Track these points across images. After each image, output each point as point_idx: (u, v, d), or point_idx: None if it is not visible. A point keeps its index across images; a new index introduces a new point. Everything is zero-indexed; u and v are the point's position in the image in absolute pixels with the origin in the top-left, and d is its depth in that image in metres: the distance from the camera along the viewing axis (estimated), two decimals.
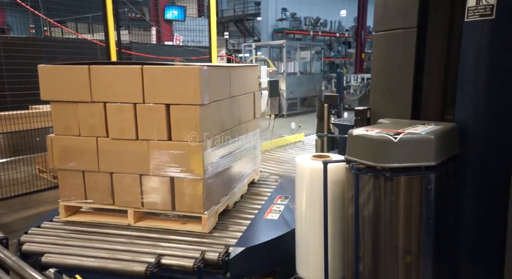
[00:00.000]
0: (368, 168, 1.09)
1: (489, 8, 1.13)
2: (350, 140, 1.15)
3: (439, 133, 1.09)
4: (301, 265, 1.46)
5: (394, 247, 1.12)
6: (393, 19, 1.34)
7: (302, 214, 1.41)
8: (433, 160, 1.06)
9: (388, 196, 1.08)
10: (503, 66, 1.12)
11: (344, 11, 22.00)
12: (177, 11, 9.73)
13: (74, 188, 2.23)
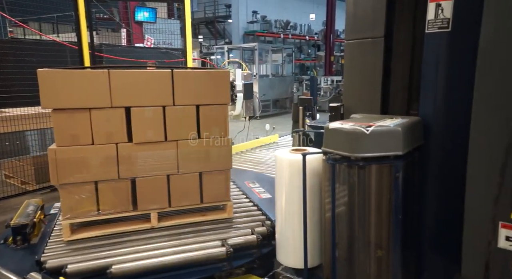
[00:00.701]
0: (343, 158, 1.20)
1: (446, 22, 1.28)
2: (327, 133, 1.26)
3: (406, 126, 1.22)
4: (281, 253, 1.55)
5: (367, 232, 1.24)
6: (363, 29, 1.47)
7: (282, 205, 1.49)
8: (400, 150, 1.18)
9: (361, 184, 1.20)
10: (457, 71, 1.28)
11: (313, 15, 22.50)
12: (148, 13, 9.61)
13: (82, 202, 2.04)
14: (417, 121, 1.31)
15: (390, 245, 1.23)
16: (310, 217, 1.38)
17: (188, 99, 2.16)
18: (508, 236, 1.11)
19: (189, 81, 2.16)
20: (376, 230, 1.23)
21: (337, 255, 1.27)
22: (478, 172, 1.14)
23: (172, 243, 2.04)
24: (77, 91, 1.95)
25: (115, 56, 5.90)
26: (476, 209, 1.16)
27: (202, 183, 2.27)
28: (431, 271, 1.40)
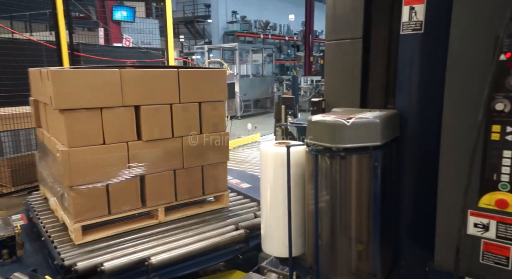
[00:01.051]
0: (325, 149, 1.26)
1: (419, 24, 1.36)
2: (310, 126, 1.31)
3: (384, 118, 1.29)
4: (266, 244, 1.59)
5: (348, 219, 1.30)
6: (342, 31, 1.54)
7: (267, 196, 1.53)
8: (379, 141, 1.25)
9: (342, 173, 1.26)
10: (430, 70, 1.36)
11: (292, 16, 22.73)
12: (126, 12, 9.47)
13: (94, 204, 2.01)
14: (394, 114, 1.38)
15: (370, 231, 1.30)
16: (294, 208, 1.43)
17: (192, 97, 2.26)
18: (476, 223, 1.20)
19: (193, 80, 2.26)
20: (357, 218, 1.29)
21: (320, 244, 1.33)
22: (449, 165, 1.23)
23: (188, 234, 2.17)
24: (89, 91, 1.93)
25: (93, 55, 5.79)
26: (448, 198, 1.24)
27: (204, 176, 2.38)
28: (407, 259, 1.48)
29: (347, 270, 1.33)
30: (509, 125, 1.11)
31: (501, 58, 1.09)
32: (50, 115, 2.21)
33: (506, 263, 1.15)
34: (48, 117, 2.28)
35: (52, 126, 2.19)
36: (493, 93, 1.11)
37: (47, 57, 5.49)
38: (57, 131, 2.07)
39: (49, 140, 2.23)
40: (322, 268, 1.35)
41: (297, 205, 1.45)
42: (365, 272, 1.33)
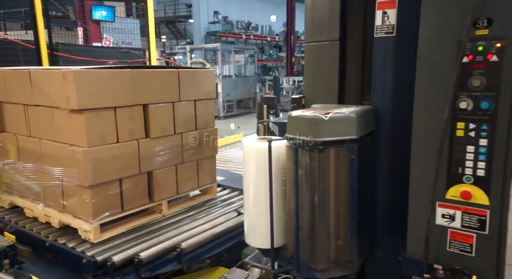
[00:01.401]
0: (304, 143, 1.32)
1: (391, 27, 1.44)
2: (290, 120, 1.38)
3: (359, 113, 1.36)
4: (250, 236, 1.64)
5: (326, 211, 1.37)
6: (320, 33, 1.61)
7: (250, 190, 1.58)
8: (355, 134, 1.32)
9: (321, 165, 1.32)
10: (402, 70, 1.45)
11: (274, 16, 22.86)
12: (106, 12, 9.33)
13: (110, 202, 2.03)
14: (369, 109, 1.47)
15: (348, 221, 1.37)
16: (276, 200, 1.48)
17: (189, 95, 2.40)
18: (444, 214, 1.28)
19: (190, 79, 2.40)
20: (335, 208, 1.36)
21: (300, 234, 1.39)
22: (419, 160, 1.31)
23: (199, 222, 2.33)
24: (105, 91, 1.95)
25: (73, 55, 5.70)
26: (418, 191, 1.32)
27: (198, 169, 2.54)
28: (383, 249, 1.57)
29: (326, 259, 1.40)
30: (472, 122, 1.20)
31: (464, 61, 1.18)
32: (44, 117, 2.10)
33: (470, 250, 1.24)
34: (41, 120, 2.14)
35: (51, 128, 2.09)
36: (457, 93, 1.20)
37: (24, 57, 5.38)
38: (64, 132, 2.02)
39: (42, 143, 2.15)
40: (302, 258, 1.41)
41: (279, 198, 1.50)
42: (342, 260, 1.40)
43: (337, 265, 1.41)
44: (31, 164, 2.26)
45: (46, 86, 2.05)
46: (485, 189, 1.20)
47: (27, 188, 2.34)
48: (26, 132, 2.27)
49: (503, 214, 1.18)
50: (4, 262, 1.80)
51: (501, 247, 1.20)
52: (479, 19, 1.13)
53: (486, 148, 1.18)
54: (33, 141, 2.22)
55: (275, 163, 1.47)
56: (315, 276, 1.39)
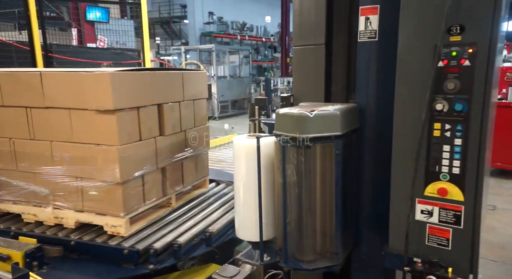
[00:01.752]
0: (291, 139, 1.38)
1: (373, 32, 1.51)
2: (277, 118, 1.44)
3: (344, 110, 1.43)
4: (240, 229, 1.70)
5: (313, 205, 1.43)
6: (307, 37, 1.67)
7: (240, 186, 1.64)
8: (339, 131, 1.38)
9: (307, 161, 1.39)
10: (384, 72, 1.51)
11: (268, 17, 22.95)
12: (100, 13, 9.33)
13: (135, 196, 2.16)
14: (353, 107, 1.54)
15: (333, 214, 1.44)
16: (265, 195, 1.54)
17: (190, 95, 2.58)
18: (423, 210, 1.35)
19: (191, 80, 2.59)
20: (321, 202, 1.43)
21: (288, 228, 1.45)
22: (400, 159, 1.37)
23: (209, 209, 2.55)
24: (131, 92, 2.08)
25: (67, 57, 5.71)
26: (399, 189, 1.38)
27: (196, 164, 2.71)
28: (368, 245, 1.64)
29: (312, 251, 1.47)
30: (447, 123, 1.27)
31: (439, 65, 1.25)
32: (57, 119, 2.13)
33: (447, 244, 1.31)
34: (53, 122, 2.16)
35: (66, 129, 2.12)
36: (433, 95, 1.27)
37: (18, 58, 5.38)
38: (88, 132, 2.07)
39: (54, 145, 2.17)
40: (290, 250, 1.48)
41: (268, 192, 1.56)
42: (328, 252, 1.47)
43: (323, 256, 1.48)
44: (37, 167, 2.23)
45: (65, 88, 2.08)
46: (460, 186, 1.27)
47: (28, 192, 2.30)
48: (27, 135, 2.25)
49: (476, 209, 1.26)
50: (33, 264, 1.84)
51: (475, 240, 1.27)
52: (453, 26, 1.20)
53: (460, 147, 1.25)
54: (40, 144, 2.20)
55: (264, 159, 1.53)
56: (301, 266, 1.46)
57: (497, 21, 1.14)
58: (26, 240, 2.03)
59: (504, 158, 4.83)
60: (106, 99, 1.94)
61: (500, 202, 4.11)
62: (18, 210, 2.36)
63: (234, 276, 1.96)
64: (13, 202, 2.36)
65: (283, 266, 1.51)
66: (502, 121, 4.76)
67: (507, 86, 4.83)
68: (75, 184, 2.16)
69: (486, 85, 1.18)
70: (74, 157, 2.13)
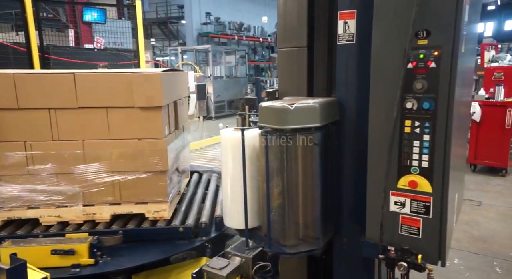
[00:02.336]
0: (273, 131, 1.47)
1: (351, 36, 1.61)
2: (261, 110, 1.53)
3: (323, 103, 1.52)
4: (227, 218, 1.80)
5: (295, 193, 1.51)
6: (290, 40, 1.77)
7: (227, 176, 1.72)
8: (318, 122, 1.48)
9: (289, 151, 1.47)
10: (362, 72, 1.59)
11: (265, 17, 23.00)
12: (97, 13, 9.38)
13: (171, 184, 2.44)
14: (333, 100, 1.63)
15: (314, 202, 1.53)
16: (250, 184, 1.62)
17: (184, 93, 2.91)
18: (396, 201, 1.45)
19: (185, 79, 2.94)
20: (302, 191, 1.51)
21: (272, 215, 1.54)
22: (375, 153, 1.46)
23: None
24: (168, 90, 2.33)
25: (64, 58, 5.77)
26: (374, 182, 1.48)
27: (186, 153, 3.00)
28: (348, 237, 1.73)
29: (295, 236, 1.56)
30: (417, 120, 1.36)
31: (409, 66, 1.34)
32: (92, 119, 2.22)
33: (418, 232, 1.41)
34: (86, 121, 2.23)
35: (102, 127, 2.23)
36: (404, 94, 1.37)
37: (15, 60, 5.43)
38: (129, 128, 2.24)
39: (87, 144, 2.24)
40: (273, 235, 1.56)
41: (254, 182, 1.65)
42: (310, 237, 1.56)
43: (305, 241, 1.57)
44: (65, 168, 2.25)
45: (102, 88, 2.20)
46: (428, 179, 1.37)
47: (51, 194, 2.27)
48: (49, 137, 2.24)
49: (443, 200, 1.35)
50: (97, 254, 1.99)
51: (442, 229, 1.37)
52: (420, 31, 1.30)
53: (429, 142, 1.35)
54: (68, 144, 2.23)
55: (250, 150, 1.61)
56: (284, 251, 1.55)
57: (459, 26, 1.24)
58: (79, 235, 2.12)
59: (492, 155, 4.94)
60: (156, 97, 2.19)
61: (487, 198, 4.22)
62: (34, 214, 2.29)
63: (223, 268, 2.05)
64: (28, 207, 2.29)
65: (267, 251, 1.60)
66: (489, 120, 4.87)
67: (494, 85, 4.94)
68: (112, 179, 2.29)
69: (450, 85, 1.28)
70: (112, 153, 2.26)
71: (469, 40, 1.49)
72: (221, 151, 1.74)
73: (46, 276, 1.42)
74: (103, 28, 9.27)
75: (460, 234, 3.32)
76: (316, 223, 1.56)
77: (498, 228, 3.45)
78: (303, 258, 1.93)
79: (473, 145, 5.07)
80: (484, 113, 4.84)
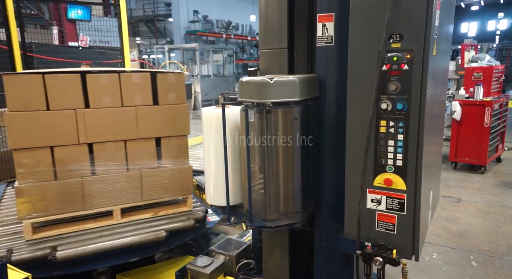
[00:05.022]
0: (253, 105, 1.49)
1: (330, 38, 1.65)
2: (241, 86, 1.54)
3: (302, 78, 1.54)
4: (209, 195, 1.82)
5: (275, 167, 1.53)
6: (271, 42, 1.80)
7: (210, 154, 1.73)
8: (298, 97, 1.50)
9: (269, 125, 1.49)
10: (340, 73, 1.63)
11: (253, 16, 23.00)
12: (82, 11, 9.24)
13: None
14: (313, 77, 1.64)
15: (294, 176, 1.55)
16: (233, 162, 1.63)
17: None
18: (372, 199, 1.50)
19: None
20: (283, 165, 1.54)
21: (253, 190, 1.55)
22: (352, 152, 1.51)
23: None
24: None
25: (47, 56, 5.67)
26: (352, 180, 1.52)
27: None
28: (329, 234, 1.77)
29: (276, 210, 1.59)
30: (391, 120, 1.41)
31: (383, 69, 1.39)
32: None
33: (393, 228, 1.47)
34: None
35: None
36: (379, 95, 1.41)
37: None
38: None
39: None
40: (255, 210, 1.58)
41: (236, 160, 1.66)
42: (290, 212, 1.59)
43: (286, 216, 1.60)
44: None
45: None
46: (402, 177, 1.42)
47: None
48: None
49: (416, 197, 1.41)
50: None
51: (415, 225, 1.42)
52: (393, 34, 1.35)
53: (402, 142, 1.40)
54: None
55: (233, 127, 1.61)
56: (265, 224, 1.58)
57: (429, 30, 1.29)
58: None
59: (471, 153, 5.08)
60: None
61: (466, 195, 4.34)
62: None
63: (207, 266, 2.09)
64: None
65: (248, 225, 1.61)
66: (469, 119, 5.00)
67: (474, 85, 5.08)
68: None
69: (422, 86, 1.33)
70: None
71: (441, 41, 1.55)
72: (203, 130, 1.74)
73: (27, 276, 1.42)
74: (89, 26, 9.14)
75: (439, 229, 3.41)
76: (296, 197, 1.57)
77: (476, 223, 3.56)
78: (286, 255, 1.98)
79: (454, 143, 5.20)
80: (464, 112, 4.97)
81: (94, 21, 9.22)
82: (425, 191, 1.48)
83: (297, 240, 2.00)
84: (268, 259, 2.05)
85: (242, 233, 2.43)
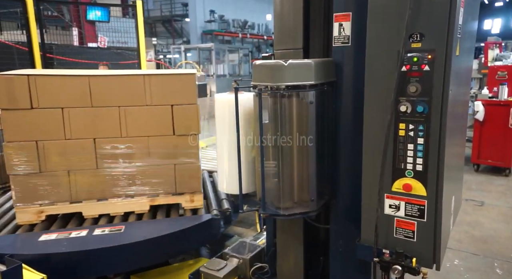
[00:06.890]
0: (267, 88, 1.44)
1: (347, 38, 1.60)
2: (254, 69, 1.49)
3: (318, 62, 1.49)
4: (223, 183, 1.79)
5: (290, 154, 1.49)
6: (286, 42, 1.76)
7: (224, 141, 1.70)
8: (313, 80, 1.44)
9: (283, 109, 1.44)
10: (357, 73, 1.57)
11: (269, 15, 22.95)
12: (101, 12, 9.41)
13: None
14: (329, 60, 1.58)
15: (309, 162, 1.50)
16: (246, 150, 1.59)
17: None
18: (391, 204, 1.44)
19: None
20: (298, 151, 1.49)
21: (267, 177, 1.51)
22: (370, 157, 1.46)
23: None
24: None
25: (66, 57, 5.80)
26: (369, 184, 1.47)
27: None
28: (344, 239, 1.73)
29: (290, 198, 1.54)
30: (411, 123, 1.36)
31: (402, 70, 1.33)
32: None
33: (412, 236, 1.41)
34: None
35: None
36: (398, 98, 1.36)
37: (19, 60, 5.46)
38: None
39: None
40: (268, 198, 1.53)
41: (249, 147, 1.62)
42: (305, 200, 1.54)
43: (300, 204, 1.55)
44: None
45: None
46: (423, 182, 1.36)
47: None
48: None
49: (438, 203, 1.35)
50: None
51: (436, 232, 1.36)
52: (414, 34, 1.29)
53: (423, 146, 1.34)
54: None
55: (246, 114, 1.56)
56: (279, 213, 1.53)
57: (452, 30, 1.23)
58: None
59: (495, 155, 4.90)
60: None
61: (489, 198, 4.19)
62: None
63: (221, 269, 2.06)
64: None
65: (261, 213, 1.56)
66: (492, 119, 4.82)
67: (498, 84, 4.89)
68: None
69: (444, 88, 1.27)
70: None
71: (465, 40, 1.48)
72: (216, 117, 1.71)
73: (43, 277, 1.44)
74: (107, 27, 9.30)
75: (461, 234, 3.29)
76: (311, 185, 1.52)
77: (500, 228, 3.42)
78: (301, 259, 1.94)
79: (476, 144, 5.02)
80: (487, 112, 4.79)
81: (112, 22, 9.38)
82: (447, 197, 1.42)
83: (312, 245, 1.96)
84: (283, 263, 2.02)
85: (256, 236, 2.41)
